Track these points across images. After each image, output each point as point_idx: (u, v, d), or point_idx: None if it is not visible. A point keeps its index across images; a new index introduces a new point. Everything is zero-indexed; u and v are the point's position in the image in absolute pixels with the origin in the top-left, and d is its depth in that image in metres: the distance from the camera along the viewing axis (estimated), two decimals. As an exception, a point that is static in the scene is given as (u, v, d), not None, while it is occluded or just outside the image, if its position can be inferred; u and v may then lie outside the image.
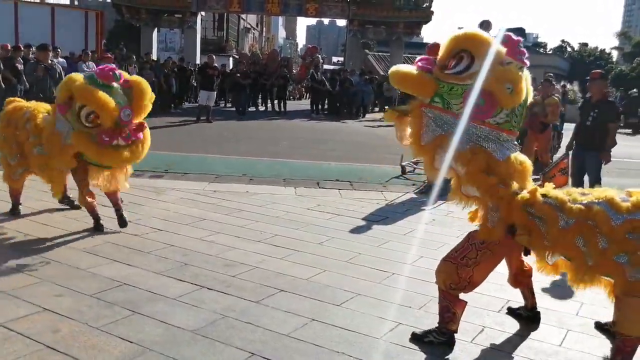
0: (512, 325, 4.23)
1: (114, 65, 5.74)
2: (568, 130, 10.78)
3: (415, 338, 3.92)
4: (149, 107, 5.63)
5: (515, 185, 3.66)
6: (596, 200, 3.52)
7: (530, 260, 4.12)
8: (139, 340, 3.64)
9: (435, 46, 3.82)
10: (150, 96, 5.61)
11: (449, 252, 3.93)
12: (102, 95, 5.22)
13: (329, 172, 10.41)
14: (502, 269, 4.15)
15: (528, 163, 3.87)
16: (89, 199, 5.87)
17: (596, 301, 4.70)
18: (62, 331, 3.70)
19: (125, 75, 5.58)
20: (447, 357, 3.73)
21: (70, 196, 6.51)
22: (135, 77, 5.70)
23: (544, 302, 4.62)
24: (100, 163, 5.55)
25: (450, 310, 3.84)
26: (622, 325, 3.54)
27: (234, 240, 5.93)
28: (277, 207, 7.45)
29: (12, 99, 6.56)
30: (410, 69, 3.83)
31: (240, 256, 5.42)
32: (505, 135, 3.74)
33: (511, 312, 4.42)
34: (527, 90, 3.78)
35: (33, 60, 12.45)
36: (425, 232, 6.59)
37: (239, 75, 23.46)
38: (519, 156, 3.82)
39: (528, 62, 3.76)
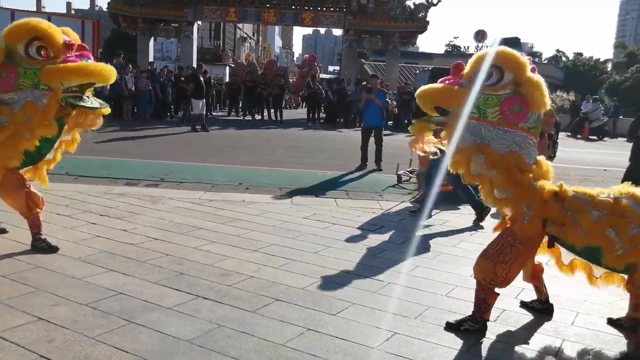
0: (508, 335, 4.23)
1: None
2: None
3: (451, 327, 4.21)
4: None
5: (544, 184, 4.01)
6: (620, 195, 3.90)
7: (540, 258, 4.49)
8: (134, 350, 3.62)
9: (460, 66, 4.20)
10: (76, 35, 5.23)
11: (485, 249, 4.21)
12: (37, 19, 4.96)
13: (325, 181, 10.41)
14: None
15: (550, 165, 4.21)
16: None
17: (592, 311, 4.73)
18: (57, 341, 3.68)
19: None
20: (443, 366, 3.73)
21: None
22: None
23: (540, 311, 4.63)
24: (91, 77, 4.95)
25: (487, 301, 4.17)
26: None
27: (230, 249, 5.92)
28: (273, 216, 7.45)
29: None
30: (440, 86, 4.18)
31: (236, 265, 5.41)
32: (534, 139, 4.08)
33: (524, 305, 4.70)
34: None
35: None
36: (421, 242, 6.59)
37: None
38: (542, 159, 4.18)
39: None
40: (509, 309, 4.65)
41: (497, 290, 4.19)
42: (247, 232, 6.62)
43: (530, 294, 4.79)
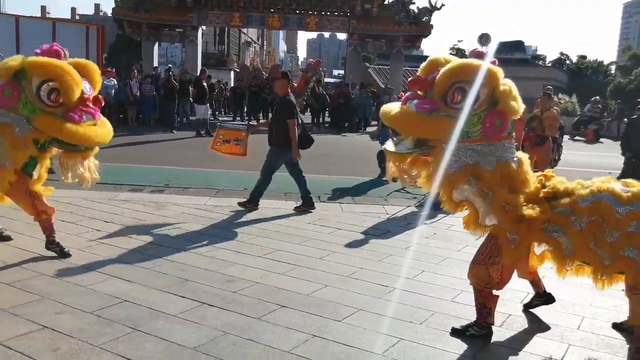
0: (514, 340, 4.21)
1: (59, 49, 5.12)
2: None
3: (457, 332, 4.21)
4: (100, 84, 5.39)
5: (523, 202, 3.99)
6: (599, 193, 3.84)
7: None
8: (139, 358, 3.62)
9: (420, 81, 4.11)
10: (99, 73, 5.35)
11: (475, 255, 4.22)
12: (65, 65, 4.93)
13: (330, 186, 10.39)
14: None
15: (526, 158, 4.24)
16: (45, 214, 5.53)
17: (598, 315, 4.70)
18: (61, 349, 3.68)
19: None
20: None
21: (0, 227, 6.10)
22: (79, 60, 5.30)
23: (545, 316, 4.61)
24: (76, 142, 5.08)
25: (487, 306, 4.18)
26: (637, 318, 3.85)
27: (235, 255, 5.92)
28: (277, 222, 7.45)
29: None
30: (408, 110, 4.09)
31: (241, 271, 5.41)
32: (512, 141, 4.18)
33: (527, 306, 4.72)
34: None
35: None
36: (426, 247, 6.58)
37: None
38: (521, 155, 4.22)
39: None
40: (514, 313, 4.64)
41: (497, 292, 4.20)
42: (252, 237, 6.62)
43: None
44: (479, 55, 4.12)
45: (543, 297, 4.68)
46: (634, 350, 3.95)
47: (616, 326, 4.45)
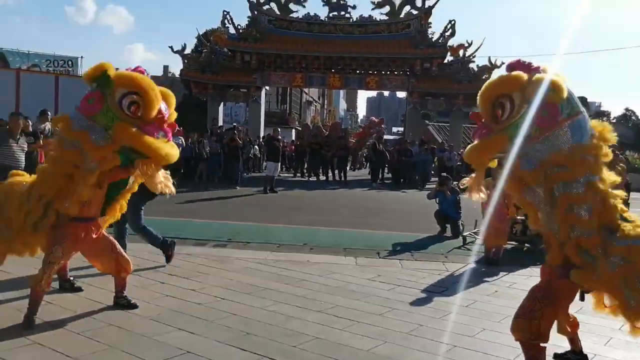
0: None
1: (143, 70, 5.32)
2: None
3: None
4: (173, 107, 5.48)
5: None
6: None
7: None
8: (201, 408, 3.70)
9: (477, 114, 4.39)
10: (174, 99, 5.52)
11: (517, 310, 4.29)
12: (149, 80, 5.07)
13: (389, 242, 10.38)
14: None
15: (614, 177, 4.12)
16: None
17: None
18: (128, 397, 3.79)
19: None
20: None
21: (72, 278, 6.31)
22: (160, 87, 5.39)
23: None
24: (149, 153, 5.11)
25: (537, 358, 4.20)
26: None
27: (295, 310, 5.97)
28: (337, 277, 7.48)
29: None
30: (472, 144, 4.39)
31: (301, 326, 5.45)
32: (578, 117, 4.08)
33: (559, 357, 4.76)
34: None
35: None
36: (487, 304, 6.49)
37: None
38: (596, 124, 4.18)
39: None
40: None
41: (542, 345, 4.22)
42: (312, 292, 6.67)
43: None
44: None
45: (578, 356, 4.73)
46: None
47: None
